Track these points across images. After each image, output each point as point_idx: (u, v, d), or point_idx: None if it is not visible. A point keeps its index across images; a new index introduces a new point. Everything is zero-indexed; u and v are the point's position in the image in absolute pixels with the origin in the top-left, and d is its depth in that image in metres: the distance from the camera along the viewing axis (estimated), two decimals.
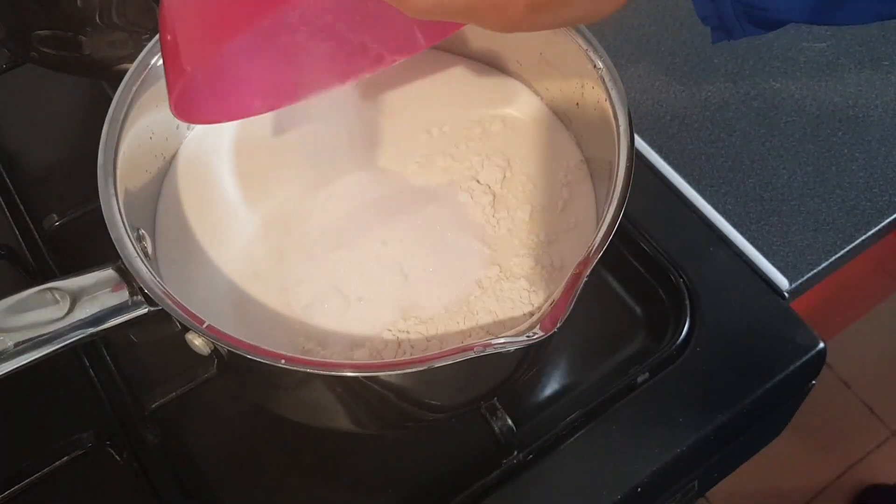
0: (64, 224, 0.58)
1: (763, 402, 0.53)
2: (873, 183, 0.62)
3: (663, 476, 0.50)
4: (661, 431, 0.51)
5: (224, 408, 0.54)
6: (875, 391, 1.42)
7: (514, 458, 0.50)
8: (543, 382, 0.55)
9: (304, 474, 0.52)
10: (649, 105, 0.66)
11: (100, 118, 0.45)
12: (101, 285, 0.41)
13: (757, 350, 0.54)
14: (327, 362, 0.37)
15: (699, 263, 0.57)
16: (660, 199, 0.61)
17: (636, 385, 0.53)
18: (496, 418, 0.49)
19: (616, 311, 0.58)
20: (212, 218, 0.50)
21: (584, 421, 0.52)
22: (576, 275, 0.38)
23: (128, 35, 0.57)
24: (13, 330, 0.39)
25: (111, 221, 0.41)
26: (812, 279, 0.58)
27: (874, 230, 0.60)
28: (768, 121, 0.65)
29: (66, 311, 0.40)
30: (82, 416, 0.54)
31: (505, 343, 0.36)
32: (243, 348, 0.37)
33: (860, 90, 0.66)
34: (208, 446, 0.53)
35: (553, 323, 0.36)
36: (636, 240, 0.58)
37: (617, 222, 0.40)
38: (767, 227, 0.60)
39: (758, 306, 0.56)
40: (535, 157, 0.52)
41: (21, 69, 0.71)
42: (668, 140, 0.64)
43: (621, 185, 0.42)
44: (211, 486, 0.52)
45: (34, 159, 0.68)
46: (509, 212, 0.50)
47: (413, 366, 0.37)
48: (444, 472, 0.52)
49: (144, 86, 0.46)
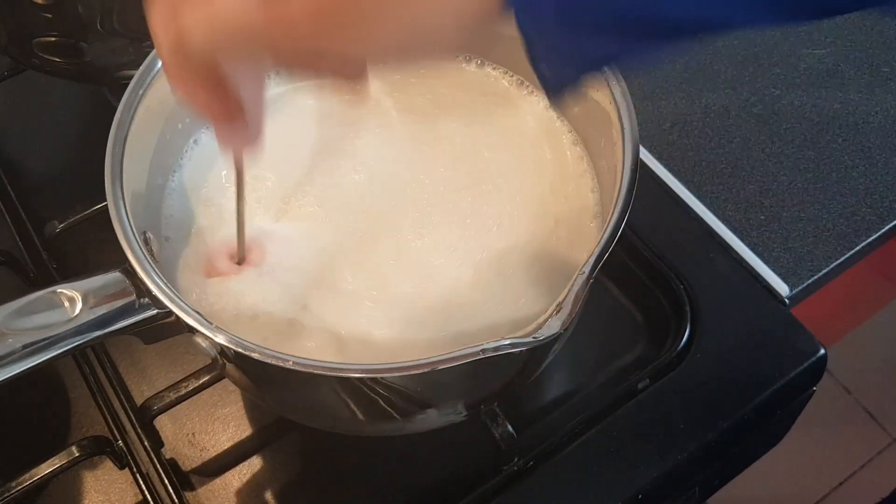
0: (65, 230, 0.58)
1: (764, 409, 0.53)
2: (873, 189, 0.62)
3: (664, 483, 0.50)
4: (662, 438, 0.51)
5: (227, 411, 0.54)
6: (876, 397, 1.42)
7: (514, 464, 0.50)
8: (544, 389, 0.55)
9: (305, 479, 0.52)
10: (650, 111, 0.66)
11: (101, 125, 0.45)
12: (108, 288, 0.41)
13: (758, 356, 0.54)
14: (334, 364, 0.37)
15: (700, 270, 0.57)
16: (660, 206, 0.61)
17: (637, 391, 0.53)
18: (497, 424, 0.49)
19: (616, 318, 0.58)
20: (218, 220, 0.50)
21: (584, 427, 0.52)
22: (581, 278, 0.38)
23: (129, 42, 0.58)
24: (21, 332, 0.39)
25: (118, 223, 0.41)
26: (812, 285, 0.58)
27: (875, 236, 0.60)
28: (768, 127, 0.65)
29: (73, 314, 0.40)
30: (82, 422, 0.54)
31: (511, 344, 0.36)
32: (251, 350, 0.37)
33: (860, 96, 0.67)
34: (210, 450, 0.53)
35: (560, 324, 0.36)
36: (637, 246, 0.58)
37: (622, 224, 0.41)
38: (768, 234, 0.60)
39: (758, 312, 0.56)
40: (539, 162, 0.52)
41: (22, 76, 0.71)
42: (669, 146, 0.64)
43: (626, 188, 0.42)
44: (211, 492, 0.52)
45: (35, 166, 0.68)
46: (513, 215, 0.50)
47: (417, 367, 0.37)
48: (444, 478, 0.52)
49: (152, 89, 0.47)
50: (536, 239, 0.49)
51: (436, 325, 0.45)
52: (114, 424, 0.52)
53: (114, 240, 0.41)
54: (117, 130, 0.44)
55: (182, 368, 0.55)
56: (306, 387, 0.43)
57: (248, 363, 0.40)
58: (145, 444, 0.51)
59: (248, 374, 0.46)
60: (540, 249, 0.48)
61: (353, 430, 0.51)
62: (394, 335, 0.45)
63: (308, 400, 0.47)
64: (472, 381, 0.44)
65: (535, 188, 0.51)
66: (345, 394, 0.43)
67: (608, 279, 0.59)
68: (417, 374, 0.37)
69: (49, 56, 0.58)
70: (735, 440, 0.53)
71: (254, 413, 0.54)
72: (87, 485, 0.52)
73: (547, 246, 0.49)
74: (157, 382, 0.55)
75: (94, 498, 0.51)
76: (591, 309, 0.55)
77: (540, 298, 0.46)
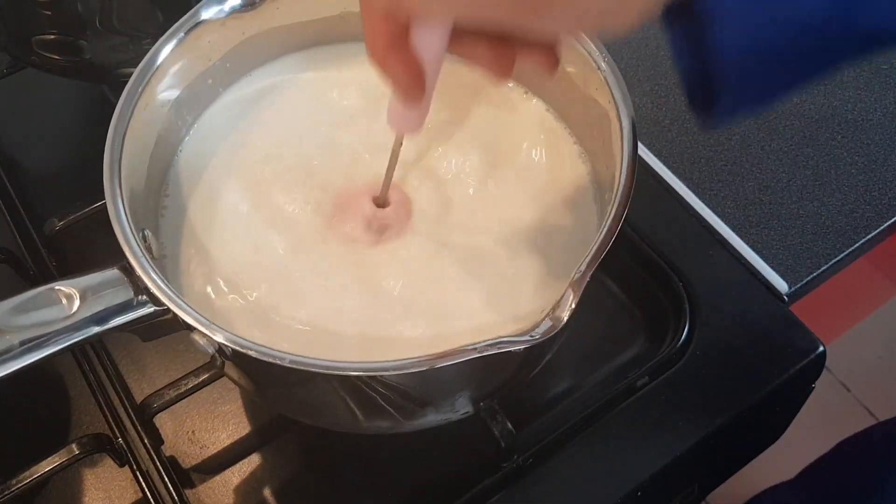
0: (64, 228, 0.58)
1: (762, 406, 0.53)
2: (872, 186, 0.62)
3: (663, 479, 0.50)
4: (661, 435, 0.51)
5: (226, 409, 0.54)
6: (875, 394, 1.42)
7: (513, 461, 0.50)
8: (543, 386, 0.55)
9: (304, 476, 0.52)
10: (648, 109, 0.67)
11: (100, 122, 0.45)
12: (106, 284, 0.41)
13: (756, 353, 0.54)
14: (331, 362, 0.37)
15: (698, 267, 0.57)
16: (659, 203, 0.61)
17: (636, 389, 0.53)
18: (496, 422, 0.49)
19: (615, 315, 0.58)
20: (215, 218, 0.50)
21: (583, 424, 0.52)
22: (579, 276, 0.38)
23: (128, 39, 0.58)
24: (19, 329, 0.39)
25: (116, 220, 0.41)
26: (811, 282, 0.58)
27: (874, 233, 0.60)
28: (767, 124, 0.65)
29: (71, 311, 0.40)
30: (82, 420, 0.54)
31: (509, 342, 0.36)
32: (248, 347, 0.37)
33: (859, 94, 0.67)
34: (210, 448, 0.53)
35: (558, 323, 0.37)
36: (635, 244, 0.58)
37: (620, 222, 0.41)
38: (767, 231, 0.60)
39: (757, 310, 0.56)
40: (537, 160, 0.52)
41: (22, 73, 0.71)
42: (668, 144, 0.64)
43: (624, 186, 0.42)
44: (211, 489, 0.52)
45: (35, 163, 0.68)
46: (512, 213, 0.50)
47: (415, 366, 0.37)
48: (443, 476, 0.52)
49: (150, 87, 0.47)
50: (534, 236, 0.49)
51: (434, 323, 0.45)
52: (114, 422, 0.52)
53: (114, 238, 0.41)
54: (116, 128, 0.45)
55: (182, 366, 0.55)
56: (304, 385, 0.43)
57: (246, 361, 0.41)
58: (145, 441, 0.51)
59: (246, 372, 0.46)
60: (538, 247, 0.48)
61: (352, 428, 0.51)
62: (392, 333, 0.45)
63: (306, 398, 0.47)
64: (471, 379, 0.44)
65: (533, 187, 0.51)
66: (343, 392, 0.43)
67: (607, 277, 0.59)
68: (415, 372, 0.37)
69: (48, 54, 0.58)
70: (734, 437, 0.53)
71: (253, 411, 0.54)
72: (87, 482, 0.52)
73: (545, 243, 0.49)
74: (156, 380, 0.55)
75: (94, 495, 0.52)
76: (590, 306, 0.55)
77: (538, 296, 0.46)
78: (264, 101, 0.54)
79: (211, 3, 0.48)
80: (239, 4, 0.49)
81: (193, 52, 0.49)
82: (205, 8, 0.48)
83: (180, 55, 0.48)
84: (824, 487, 0.76)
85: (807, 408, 0.60)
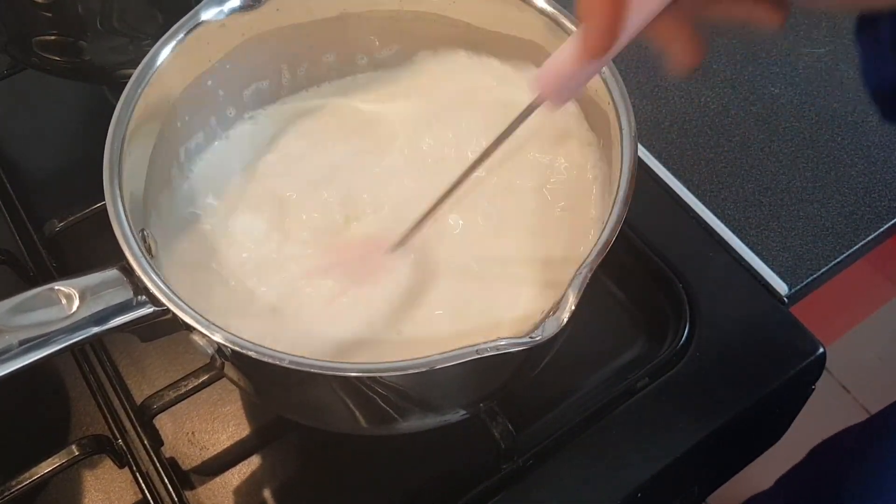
0: (64, 229, 0.58)
1: (762, 407, 0.53)
2: (872, 188, 0.62)
3: (663, 481, 0.50)
4: (661, 436, 0.51)
5: (226, 410, 0.54)
6: (875, 396, 1.42)
7: (513, 462, 0.50)
8: (543, 387, 0.55)
9: (304, 477, 0.52)
10: (648, 110, 0.67)
11: (101, 123, 0.45)
12: (105, 285, 0.41)
13: (756, 355, 0.54)
14: (330, 363, 0.37)
15: (699, 269, 0.57)
16: (659, 205, 0.61)
17: (636, 390, 0.53)
18: (496, 423, 0.49)
19: (616, 317, 0.58)
20: (215, 218, 0.50)
21: (583, 426, 0.52)
22: (579, 277, 0.38)
23: (129, 40, 0.58)
24: (18, 329, 0.39)
25: (116, 220, 0.41)
26: (811, 284, 0.58)
27: (873, 235, 0.60)
28: (767, 126, 0.65)
29: (70, 311, 0.39)
30: (82, 421, 0.54)
31: (508, 345, 0.36)
32: (247, 347, 0.37)
33: (859, 96, 0.67)
34: (210, 449, 0.53)
35: (558, 324, 0.37)
36: (635, 245, 0.58)
37: (620, 223, 0.40)
38: (767, 233, 0.60)
39: (757, 311, 0.56)
40: (537, 162, 0.52)
41: (22, 74, 0.71)
42: (668, 145, 0.64)
43: (624, 187, 0.42)
44: (211, 491, 0.52)
45: (35, 164, 0.68)
46: (512, 213, 0.50)
47: (415, 367, 0.37)
48: (443, 477, 0.52)
49: (150, 87, 0.47)
50: (535, 237, 0.49)
51: (433, 324, 0.45)
52: (113, 423, 0.52)
53: (113, 238, 0.41)
54: (116, 129, 0.44)
55: (182, 367, 0.55)
56: (303, 386, 0.43)
57: (245, 361, 0.40)
58: (145, 442, 0.51)
59: (246, 373, 0.46)
60: (538, 248, 0.48)
61: (352, 430, 0.51)
62: (391, 334, 0.45)
63: (306, 399, 0.47)
64: (471, 380, 0.44)
65: (533, 187, 0.51)
66: (342, 393, 0.43)
67: (607, 278, 0.59)
68: (415, 373, 0.37)
69: (48, 55, 0.58)
70: (734, 438, 0.53)
71: (253, 412, 0.54)
72: (87, 484, 0.52)
73: (545, 244, 0.49)
74: (156, 381, 0.55)
75: (94, 497, 0.51)
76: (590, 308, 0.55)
77: (538, 297, 0.46)
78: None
79: (210, 5, 0.48)
80: (238, 6, 0.49)
81: (193, 54, 0.49)
82: (204, 9, 0.48)
83: (180, 56, 0.48)
84: (798, 493, 0.77)
85: (807, 409, 0.60)
